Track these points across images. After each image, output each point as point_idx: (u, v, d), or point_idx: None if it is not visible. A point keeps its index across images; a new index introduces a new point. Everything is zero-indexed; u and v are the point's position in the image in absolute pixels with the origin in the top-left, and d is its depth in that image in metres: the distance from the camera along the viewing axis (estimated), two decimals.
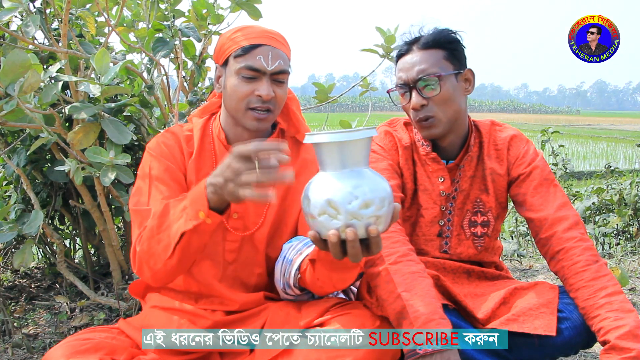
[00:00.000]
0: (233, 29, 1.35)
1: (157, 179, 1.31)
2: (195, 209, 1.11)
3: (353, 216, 0.97)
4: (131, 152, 2.34)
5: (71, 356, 1.15)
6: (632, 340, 1.15)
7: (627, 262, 3.25)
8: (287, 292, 1.34)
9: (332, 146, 0.99)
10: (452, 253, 1.53)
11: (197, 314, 1.34)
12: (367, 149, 1.03)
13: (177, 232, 1.13)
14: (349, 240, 0.98)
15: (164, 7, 2.21)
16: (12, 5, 1.71)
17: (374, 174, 1.03)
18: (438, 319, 1.19)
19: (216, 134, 1.41)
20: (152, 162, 1.34)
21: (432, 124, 1.43)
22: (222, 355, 1.32)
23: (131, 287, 1.47)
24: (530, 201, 1.43)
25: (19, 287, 2.59)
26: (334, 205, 0.98)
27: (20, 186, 2.16)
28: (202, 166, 1.37)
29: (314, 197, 1.00)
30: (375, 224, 0.99)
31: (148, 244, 1.19)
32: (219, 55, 1.35)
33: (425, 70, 1.41)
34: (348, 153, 0.99)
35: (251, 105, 1.30)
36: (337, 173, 1.00)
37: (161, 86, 2.26)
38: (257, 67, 1.28)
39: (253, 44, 1.29)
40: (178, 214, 1.14)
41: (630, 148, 16.83)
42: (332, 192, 0.98)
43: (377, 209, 0.98)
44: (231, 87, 1.30)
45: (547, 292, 1.37)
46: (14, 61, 1.54)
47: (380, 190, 0.99)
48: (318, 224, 1.01)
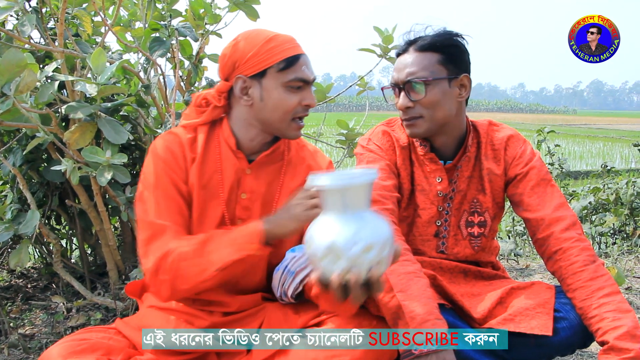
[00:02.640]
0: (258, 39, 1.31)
1: (163, 190, 1.31)
2: (247, 241, 1.22)
3: (355, 260, 0.99)
4: (128, 152, 2.34)
5: (68, 356, 1.14)
6: (631, 341, 1.15)
7: (623, 262, 3.26)
8: (283, 298, 1.35)
9: (334, 191, 1.01)
10: (449, 253, 1.53)
11: (195, 315, 1.34)
12: (368, 192, 1.05)
13: (220, 259, 1.22)
14: (351, 284, 1.01)
15: (161, 7, 2.21)
16: (8, 4, 1.70)
17: (376, 216, 1.05)
18: (434, 320, 1.19)
19: (225, 137, 1.39)
20: (157, 169, 1.33)
21: (414, 124, 1.44)
22: (220, 355, 1.32)
23: (128, 287, 1.47)
24: (527, 201, 1.43)
25: (15, 287, 2.58)
26: (336, 250, 0.99)
27: (16, 186, 2.15)
28: (205, 171, 1.36)
29: (317, 240, 1.02)
30: (376, 267, 1.01)
31: (178, 265, 1.23)
32: (248, 66, 1.31)
33: (413, 73, 1.41)
34: (350, 197, 1.01)
35: (297, 115, 1.33)
36: (338, 217, 1.02)
37: (158, 86, 2.25)
38: (304, 78, 1.31)
39: (295, 54, 1.30)
40: (225, 244, 1.23)
41: (626, 148, 16.89)
42: (334, 236, 1.00)
43: (378, 253, 1.00)
44: (277, 99, 1.30)
45: (544, 292, 1.38)
46: (10, 60, 1.53)
47: (381, 234, 1.01)
48: (320, 268, 1.03)
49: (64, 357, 1.14)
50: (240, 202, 1.37)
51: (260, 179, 1.39)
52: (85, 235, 2.50)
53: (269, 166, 1.40)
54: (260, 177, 1.39)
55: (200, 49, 2.26)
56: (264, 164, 1.39)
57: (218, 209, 1.35)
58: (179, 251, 1.23)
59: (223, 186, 1.36)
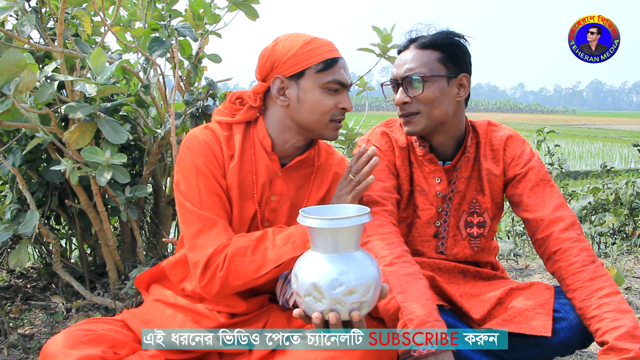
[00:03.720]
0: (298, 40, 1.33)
1: (205, 183, 1.31)
2: (304, 239, 1.23)
3: (337, 301, 1.01)
4: (127, 152, 2.34)
5: (73, 346, 1.14)
6: (630, 341, 1.15)
7: (622, 262, 3.26)
8: (285, 306, 1.37)
9: (323, 231, 1.02)
10: (448, 254, 1.53)
11: (202, 314, 1.34)
12: (358, 234, 1.06)
13: (278, 257, 1.24)
14: (331, 324, 1.03)
15: (161, 7, 2.21)
16: (7, 4, 1.70)
17: (364, 257, 1.06)
18: (433, 321, 1.19)
19: (260, 138, 1.39)
20: (197, 162, 1.32)
21: (411, 120, 1.44)
22: (221, 354, 1.32)
23: (137, 278, 1.49)
24: (526, 202, 1.43)
25: (14, 287, 2.58)
26: (319, 289, 1.01)
27: (15, 186, 2.15)
28: (242, 172, 1.37)
29: (302, 277, 1.04)
30: (358, 309, 1.03)
31: (234, 261, 1.24)
32: (287, 66, 1.32)
33: (412, 69, 1.41)
34: (339, 238, 1.02)
35: (334, 118, 1.34)
36: (326, 256, 1.03)
37: (157, 86, 2.25)
38: (342, 81, 1.33)
39: (334, 57, 1.32)
40: (281, 241, 1.25)
41: (626, 148, 16.90)
42: (319, 276, 1.01)
43: (361, 296, 1.02)
44: (314, 100, 1.32)
45: (543, 293, 1.38)
46: (10, 60, 1.53)
47: (367, 277, 1.02)
48: (303, 304, 1.05)
49: (69, 346, 1.14)
50: (269, 204, 1.39)
51: (290, 183, 1.40)
52: (85, 235, 2.50)
53: (300, 171, 1.42)
54: (290, 181, 1.41)
55: (199, 49, 2.26)
56: (295, 168, 1.41)
57: (252, 209, 1.37)
58: (235, 247, 1.24)
59: (255, 187, 1.37)
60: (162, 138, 2.21)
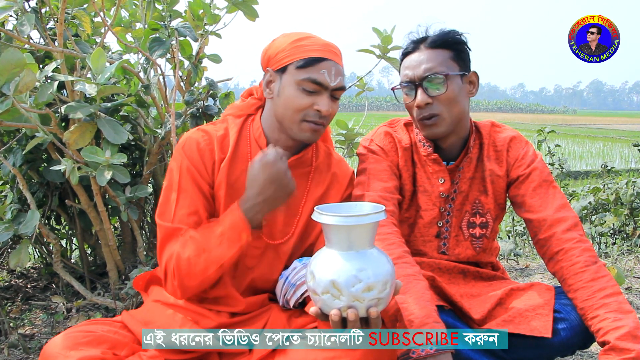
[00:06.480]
0: (292, 37, 1.33)
1: (185, 190, 1.32)
2: (236, 233, 1.25)
3: (355, 298, 1.02)
4: (127, 152, 2.34)
5: (72, 348, 1.14)
6: (632, 341, 1.15)
7: (623, 262, 3.26)
8: (285, 306, 1.37)
9: (340, 228, 1.02)
10: (450, 254, 1.53)
11: (202, 314, 1.34)
12: (374, 231, 1.06)
13: (220, 257, 1.25)
14: (350, 320, 1.03)
15: (161, 8, 2.21)
16: (7, 4, 1.70)
17: (379, 254, 1.06)
18: (432, 323, 1.19)
19: (255, 136, 1.39)
20: (182, 168, 1.33)
21: (435, 123, 1.42)
22: (221, 354, 1.32)
23: (135, 280, 1.49)
24: (529, 202, 1.43)
25: (15, 287, 2.58)
26: (337, 287, 1.01)
27: (16, 186, 2.15)
28: (234, 169, 1.36)
29: (319, 275, 1.04)
30: (376, 305, 1.03)
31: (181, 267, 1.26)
32: (275, 60, 1.33)
33: (432, 69, 1.40)
34: (355, 235, 1.03)
35: (307, 118, 1.31)
36: (343, 253, 1.03)
37: (158, 86, 2.25)
38: (320, 82, 1.29)
39: (318, 57, 1.29)
40: (215, 241, 1.25)
41: (626, 147, 16.89)
42: (337, 273, 1.02)
43: (379, 292, 1.02)
44: (289, 97, 1.30)
45: (544, 293, 1.37)
46: (9, 60, 1.53)
47: (384, 274, 1.03)
48: (321, 302, 1.05)
49: (69, 348, 1.14)
50: None
51: None
52: (85, 235, 2.50)
53: (297, 170, 1.40)
54: None
55: (199, 49, 2.26)
56: (291, 168, 1.39)
57: None
58: (181, 254, 1.26)
59: None
60: (162, 138, 2.21)
